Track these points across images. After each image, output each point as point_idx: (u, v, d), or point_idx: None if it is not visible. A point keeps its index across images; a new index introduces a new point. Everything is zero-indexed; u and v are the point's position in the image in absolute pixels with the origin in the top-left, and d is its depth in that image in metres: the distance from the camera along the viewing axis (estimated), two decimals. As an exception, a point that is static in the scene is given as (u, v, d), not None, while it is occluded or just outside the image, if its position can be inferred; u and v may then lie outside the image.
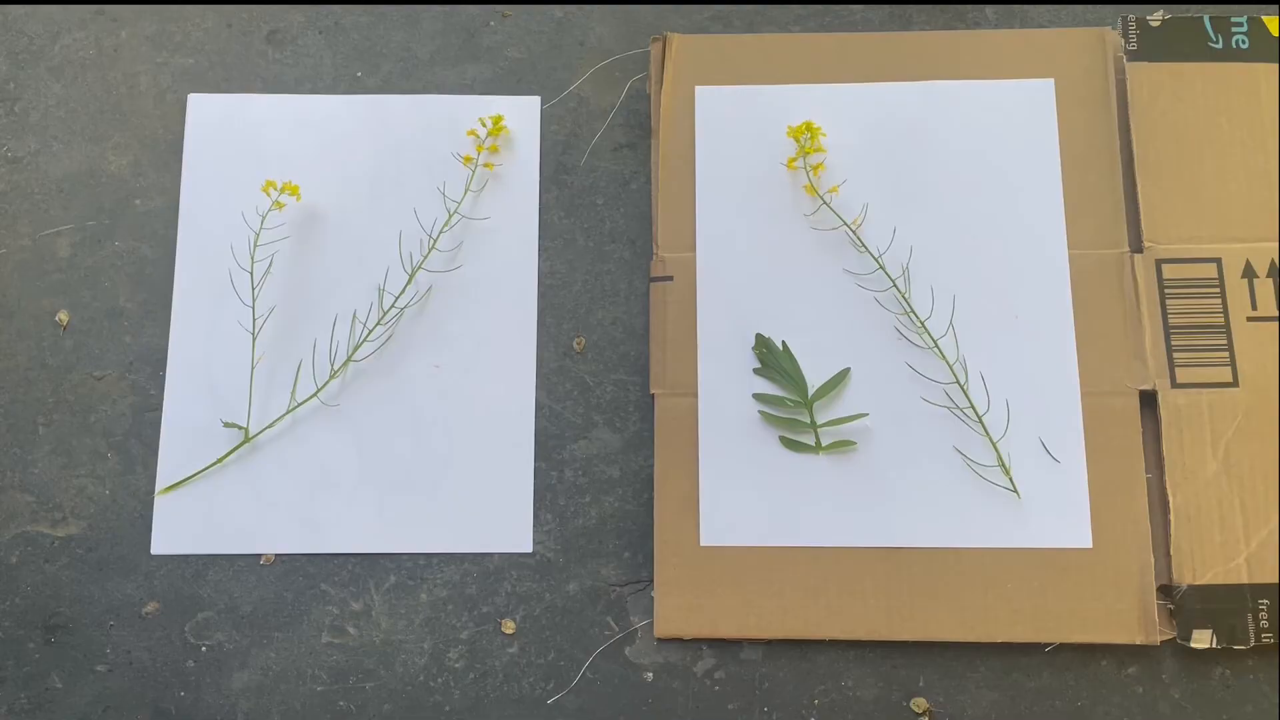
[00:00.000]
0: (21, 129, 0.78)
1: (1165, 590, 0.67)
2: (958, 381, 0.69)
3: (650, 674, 0.69)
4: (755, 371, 0.71)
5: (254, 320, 0.72)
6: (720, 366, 0.71)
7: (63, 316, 0.75)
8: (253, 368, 0.72)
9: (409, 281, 0.73)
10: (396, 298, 0.73)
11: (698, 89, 0.75)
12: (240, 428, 0.71)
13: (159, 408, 0.73)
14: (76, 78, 0.79)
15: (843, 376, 0.71)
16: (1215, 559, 0.67)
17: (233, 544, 0.71)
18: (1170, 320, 0.70)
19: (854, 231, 0.72)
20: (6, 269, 0.75)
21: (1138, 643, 0.66)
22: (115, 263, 0.75)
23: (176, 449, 0.72)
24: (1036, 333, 0.71)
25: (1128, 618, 0.66)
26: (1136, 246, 0.72)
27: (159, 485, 0.71)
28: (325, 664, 0.69)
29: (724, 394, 0.71)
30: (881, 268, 0.71)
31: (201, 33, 0.79)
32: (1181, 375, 0.69)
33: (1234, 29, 0.74)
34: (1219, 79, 0.74)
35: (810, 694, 0.68)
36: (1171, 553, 0.67)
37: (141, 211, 0.76)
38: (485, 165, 0.75)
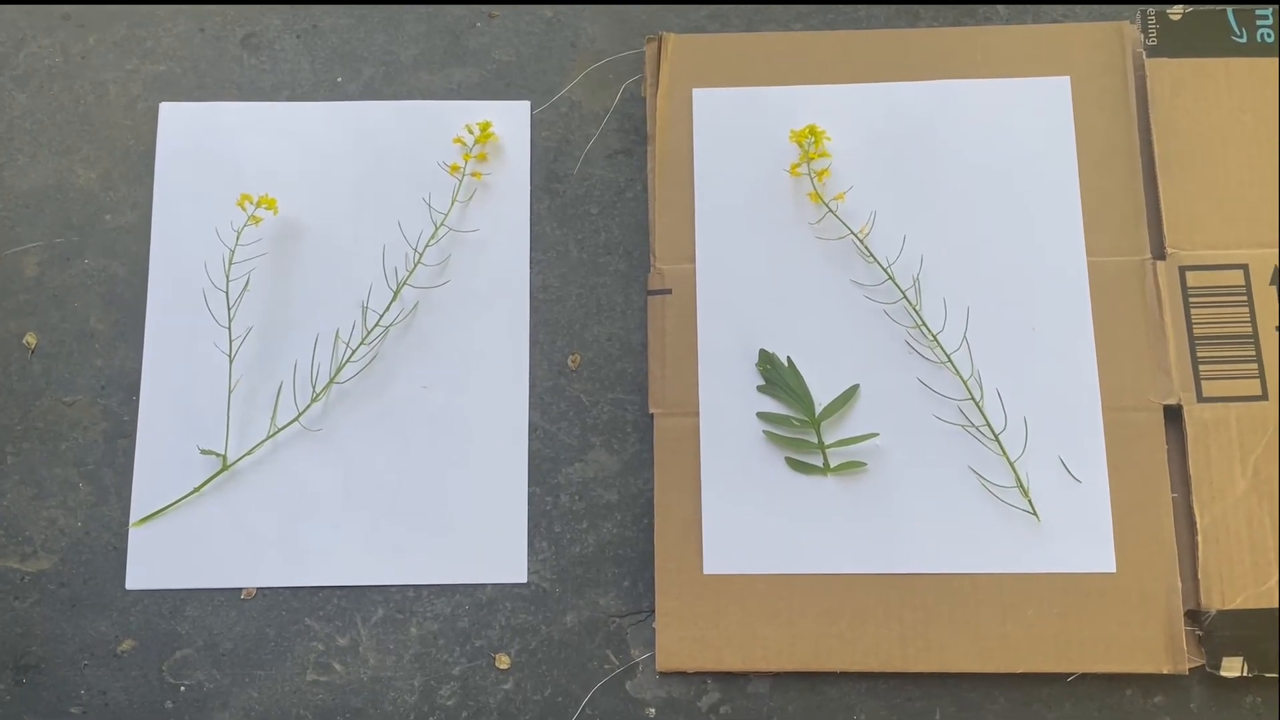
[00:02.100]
0: (-15, 141, 0.75)
1: (1193, 616, 0.65)
2: (972, 398, 0.67)
3: (652, 710, 0.66)
4: (759, 389, 0.69)
5: (230, 341, 0.70)
6: (722, 384, 0.69)
7: (30, 339, 0.72)
8: (230, 391, 0.69)
9: (394, 298, 0.71)
10: (381, 315, 0.70)
11: (695, 91, 0.73)
12: (218, 455, 0.69)
13: (132, 434, 0.70)
14: (42, 87, 0.76)
15: (851, 394, 0.68)
16: (1245, 582, 0.64)
17: (211, 577, 0.68)
18: (1195, 330, 0.68)
19: (861, 240, 0.69)
20: (-29, 289, 0.73)
21: (1164, 671, 0.64)
22: (85, 282, 0.73)
23: (151, 478, 0.69)
24: (1055, 345, 0.68)
25: (1154, 645, 0.64)
26: (1159, 253, 0.69)
27: (133, 516, 0.69)
28: (310, 703, 0.66)
29: (726, 413, 0.68)
30: (891, 278, 0.68)
31: (173, 38, 0.76)
32: (1208, 388, 0.67)
33: (1259, 22, 0.72)
34: (1244, 74, 0.71)
35: (821, 729, 0.65)
36: (1199, 576, 0.64)
37: (112, 227, 0.73)
38: (473, 174, 0.73)
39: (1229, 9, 0.72)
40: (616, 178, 0.74)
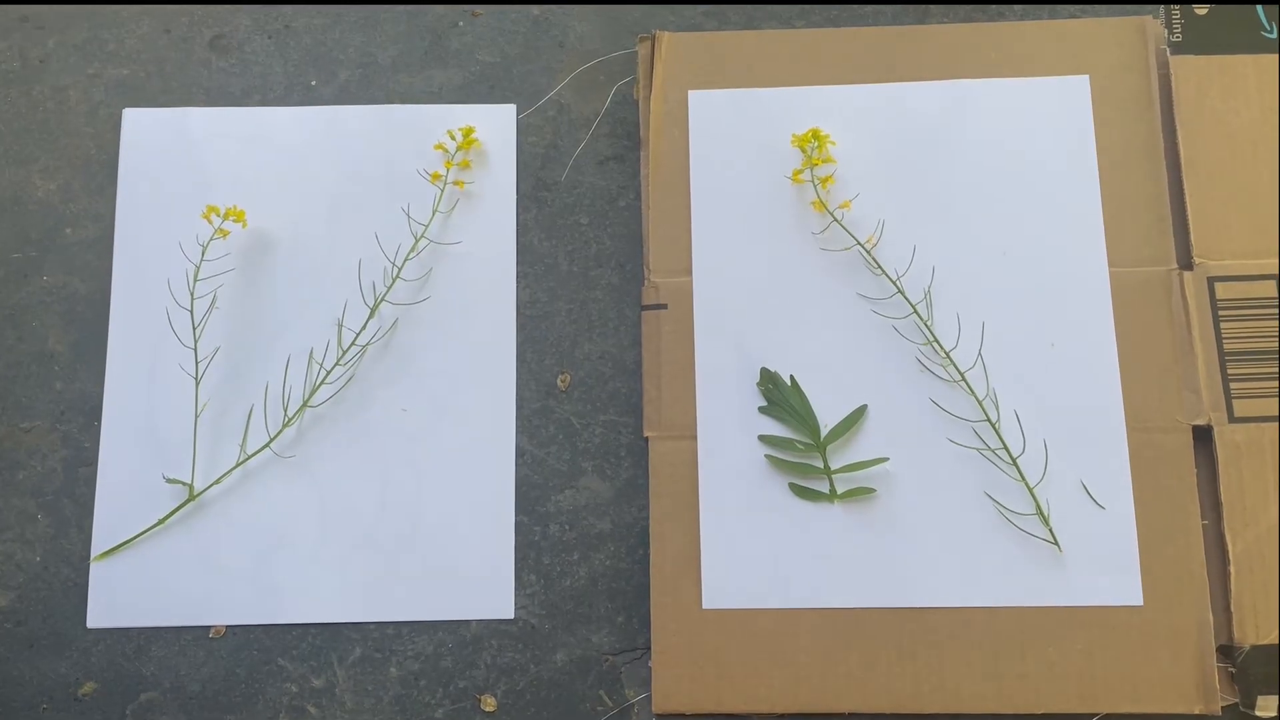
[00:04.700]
0: (-62, 151, 0.73)
1: (1225, 651, 0.62)
2: (988, 419, 0.64)
3: (649, 755, 0.64)
4: (761, 410, 0.66)
5: (197, 363, 0.67)
6: (721, 405, 0.66)
7: (-15, 361, 0.70)
8: (197, 416, 0.67)
9: (371, 315, 0.68)
10: (357, 334, 0.68)
11: (691, 93, 0.70)
12: (184, 484, 0.66)
13: (94, 462, 0.68)
14: None
15: (859, 415, 0.66)
16: (1282, 615, 0.62)
17: (178, 615, 0.66)
18: (1225, 346, 0.65)
19: (868, 251, 0.67)
20: (-77, 308, 0.71)
21: (1196, 711, 0.62)
22: (44, 299, 0.70)
23: (114, 509, 0.67)
24: (1076, 362, 0.66)
25: (1184, 683, 0.62)
26: (1185, 263, 0.67)
27: (95, 550, 0.66)
28: (284, 749, 0.64)
29: (726, 436, 0.66)
30: (900, 292, 0.66)
31: (137, 40, 0.74)
32: (1239, 408, 0.64)
33: (1290, 16, 0.69)
34: (1274, 72, 0.69)
35: (829, 774, 0.63)
36: (1232, 609, 0.62)
37: (72, 241, 0.71)
38: (455, 183, 0.71)
39: (1259, 4, 0.70)
40: (608, 185, 0.71)
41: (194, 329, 0.67)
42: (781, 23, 0.73)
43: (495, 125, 0.72)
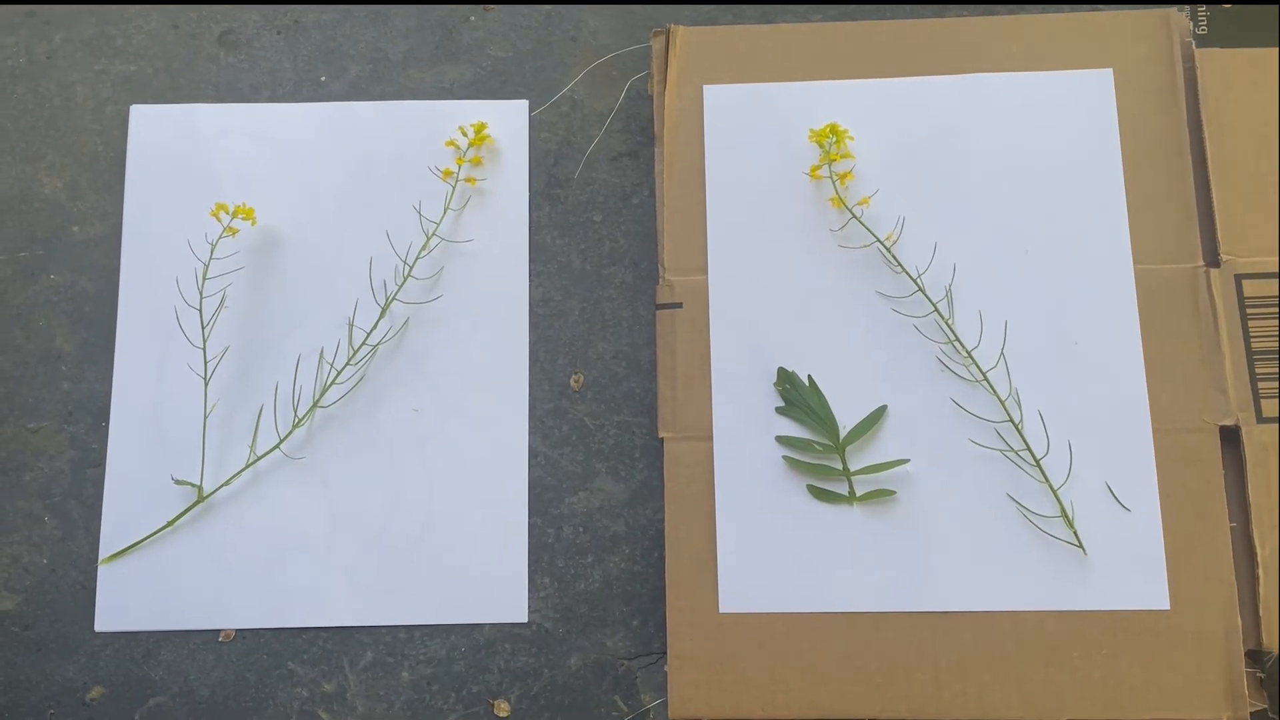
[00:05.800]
0: (-56, 148, 0.72)
1: (1254, 656, 0.61)
2: (1011, 420, 0.63)
3: (665, 761, 0.63)
4: (778, 411, 0.65)
5: (206, 363, 0.66)
6: (737, 405, 0.65)
7: (-8, 361, 0.69)
8: (206, 417, 0.66)
9: (382, 314, 0.67)
10: (368, 333, 0.67)
11: (706, 88, 0.69)
12: (194, 485, 0.65)
13: (102, 463, 0.67)
14: (5, 89, 0.73)
15: (879, 416, 0.65)
16: (1312, 620, 0.61)
17: (187, 619, 0.65)
18: (1253, 344, 0.64)
19: (888, 249, 0.66)
20: (-71, 308, 0.70)
21: (1224, 718, 0.61)
22: (51, 298, 0.69)
23: (122, 511, 0.66)
24: (1100, 362, 0.65)
25: (1212, 689, 0.61)
26: (1212, 260, 0.65)
27: (103, 552, 0.66)
28: (294, 755, 0.63)
29: (742, 437, 0.65)
30: (921, 290, 0.65)
31: (145, 36, 0.73)
32: (1267, 408, 0.63)
33: (1319, 8, 0.67)
34: None
35: (848, 781, 0.62)
36: (1260, 613, 0.61)
37: (80, 240, 0.70)
38: (467, 180, 0.70)
39: (1285, -6, 0.68)
40: (622, 182, 0.70)
41: (203, 328, 0.66)
42: (797, 16, 0.72)
43: (507, 121, 0.71)
